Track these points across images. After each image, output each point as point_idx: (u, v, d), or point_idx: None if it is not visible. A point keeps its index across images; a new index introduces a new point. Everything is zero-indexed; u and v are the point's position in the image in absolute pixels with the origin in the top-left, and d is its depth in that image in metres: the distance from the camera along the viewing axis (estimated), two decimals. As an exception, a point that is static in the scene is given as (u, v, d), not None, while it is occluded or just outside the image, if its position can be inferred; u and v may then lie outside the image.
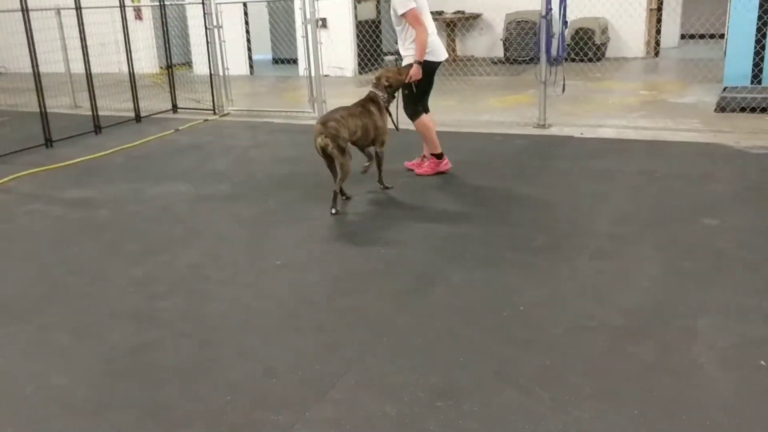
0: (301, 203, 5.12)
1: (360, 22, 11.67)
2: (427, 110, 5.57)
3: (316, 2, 8.03)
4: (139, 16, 12.87)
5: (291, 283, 3.82)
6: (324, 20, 11.27)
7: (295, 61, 12.31)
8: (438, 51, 5.38)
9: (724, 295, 3.39)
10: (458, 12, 12.41)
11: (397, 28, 5.44)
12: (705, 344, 2.99)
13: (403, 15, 5.21)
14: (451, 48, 12.50)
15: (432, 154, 5.64)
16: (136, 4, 12.44)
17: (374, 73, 5.79)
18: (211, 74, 8.99)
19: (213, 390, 2.84)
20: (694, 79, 9.05)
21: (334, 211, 4.81)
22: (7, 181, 6.13)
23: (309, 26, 8.12)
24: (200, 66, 11.05)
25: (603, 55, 11.47)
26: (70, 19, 8.47)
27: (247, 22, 12.42)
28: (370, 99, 5.15)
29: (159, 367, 3.03)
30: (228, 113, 8.90)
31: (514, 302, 3.43)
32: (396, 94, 5.31)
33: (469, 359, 2.97)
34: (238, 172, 6.08)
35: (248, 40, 12.43)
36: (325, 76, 11.20)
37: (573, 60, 10.81)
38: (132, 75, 8.74)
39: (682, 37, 13.36)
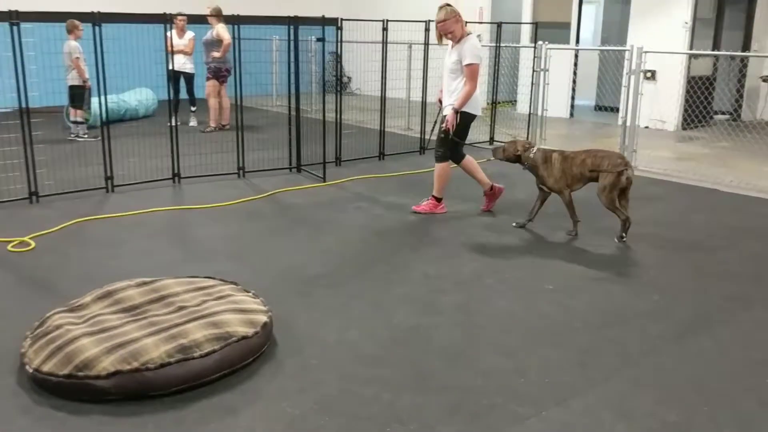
0: (586, 238, 5.39)
1: (692, 78, 11.32)
2: (458, 159, 6.12)
3: (644, 54, 8.13)
4: (477, 54, 14.03)
5: (559, 305, 4.15)
6: (653, 72, 11.20)
7: (617, 110, 12.36)
8: (477, 105, 5.96)
9: None
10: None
11: (450, 75, 5.87)
12: None
13: (468, 65, 5.66)
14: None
15: (433, 196, 6.14)
16: (476, 43, 13.60)
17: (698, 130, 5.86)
18: (530, 113, 9.59)
19: (469, 372, 3.31)
20: None
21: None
22: (346, 181, 7.39)
23: (632, 77, 8.25)
24: (523, 105, 11.74)
25: None
26: (418, 53, 9.74)
27: (575, 68, 12.81)
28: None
29: (430, 344, 3.61)
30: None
31: (782, 371, 3.33)
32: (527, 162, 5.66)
33: (712, 409, 3.01)
34: (530, 202, 6.50)
35: (574, 85, 12.81)
36: (645, 127, 11.14)
37: None
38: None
39: None
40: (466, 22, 9.41)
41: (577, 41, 12.95)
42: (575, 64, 12.67)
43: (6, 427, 2.84)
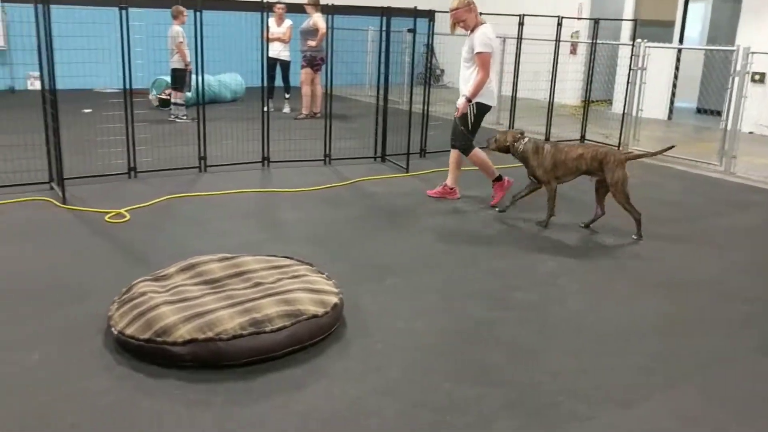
0: (670, 242, 5.21)
1: (805, 82, 10.66)
2: (467, 150, 6.14)
3: (751, 55, 7.73)
4: (573, 50, 13.73)
5: (631, 309, 4.04)
6: (762, 75, 10.64)
7: (720, 113, 11.80)
8: (491, 96, 6.00)
9: None
10: None
11: (465, 65, 5.94)
12: None
13: (477, 54, 5.70)
14: None
15: (494, 180, 6.25)
16: (574, 39, 13.29)
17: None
18: (624, 113, 9.31)
19: (532, 369, 3.30)
20: None
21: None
22: (428, 172, 7.43)
23: (737, 79, 7.87)
24: (619, 104, 11.40)
25: None
26: (510, 47, 9.63)
27: (677, 68, 12.31)
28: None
29: (496, 339, 3.61)
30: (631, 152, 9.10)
31: None
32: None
33: (788, 427, 2.88)
34: (613, 204, 6.33)
35: (674, 86, 12.32)
36: (749, 132, 10.59)
37: None
38: (551, 104, 9.55)
39: None
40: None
41: (681, 40, 12.44)
42: (677, 64, 12.18)
43: (88, 383, 3.06)
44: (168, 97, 10.67)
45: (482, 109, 6.03)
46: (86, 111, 10.43)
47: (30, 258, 4.52)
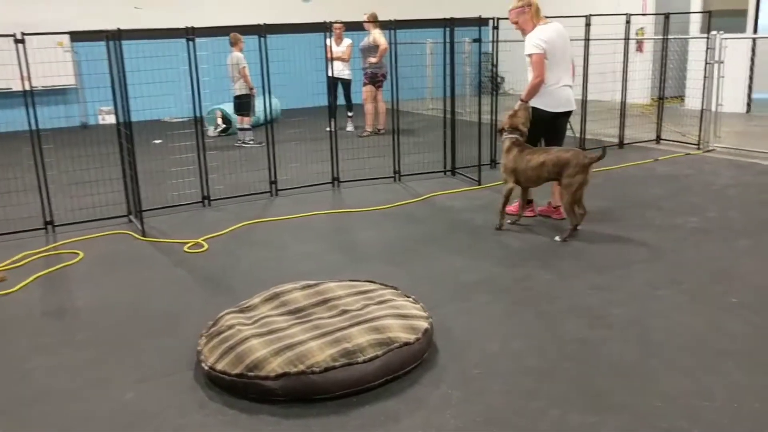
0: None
1: None
2: None
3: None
4: (640, 48, 13.27)
5: (747, 323, 3.74)
6: None
7: (802, 103, 11.18)
8: (553, 101, 5.46)
9: None
10: None
11: (528, 68, 5.47)
12: None
13: (527, 56, 5.37)
14: None
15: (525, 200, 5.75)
16: (640, 36, 12.85)
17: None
18: (702, 109, 8.88)
19: (645, 392, 3.06)
20: None
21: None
22: (501, 183, 7.19)
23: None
24: (692, 100, 10.92)
25: None
26: (577, 49, 9.32)
27: (752, 59, 11.74)
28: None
29: (601, 359, 3.38)
30: (713, 149, 8.67)
31: None
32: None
33: None
34: (711, 207, 6.01)
35: (750, 77, 11.74)
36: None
37: None
38: (623, 104, 9.19)
39: None
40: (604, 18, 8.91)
41: (755, 29, 11.87)
42: (752, 56, 11.62)
43: (184, 419, 2.99)
44: (221, 126, 11.04)
45: (540, 115, 5.51)
46: (156, 142, 10.63)
47: (117, 292, 4.53)
